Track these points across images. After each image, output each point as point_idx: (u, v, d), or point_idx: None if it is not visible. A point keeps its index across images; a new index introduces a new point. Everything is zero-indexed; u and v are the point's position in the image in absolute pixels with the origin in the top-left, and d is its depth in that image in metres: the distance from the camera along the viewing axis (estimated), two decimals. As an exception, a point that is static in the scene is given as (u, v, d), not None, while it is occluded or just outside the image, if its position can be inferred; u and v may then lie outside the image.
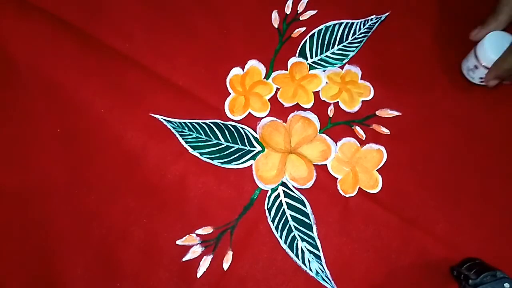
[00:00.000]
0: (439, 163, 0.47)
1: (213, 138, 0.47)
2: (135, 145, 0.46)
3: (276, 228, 0.45)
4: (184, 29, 0.51)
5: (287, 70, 0.50)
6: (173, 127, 0.47)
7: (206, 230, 0.45)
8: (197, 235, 0.44)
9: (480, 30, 0.47)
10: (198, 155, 0.46)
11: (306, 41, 0.51)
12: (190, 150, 0.46)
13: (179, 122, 0.47)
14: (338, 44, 0.51)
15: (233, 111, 0.48)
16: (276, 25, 0.51)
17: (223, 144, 0.47)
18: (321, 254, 0.44)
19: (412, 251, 0.45)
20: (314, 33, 0.51)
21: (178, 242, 0.44)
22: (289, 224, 0.45)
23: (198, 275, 0.43)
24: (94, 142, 0.46)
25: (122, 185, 0.45)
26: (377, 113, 0.49)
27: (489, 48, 0.46)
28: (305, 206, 0.46)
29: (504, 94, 0.48)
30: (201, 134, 0.47)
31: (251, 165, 0.46)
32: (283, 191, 0.46)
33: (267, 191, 0.46)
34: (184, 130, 0.47)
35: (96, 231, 0.44)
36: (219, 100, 0.48)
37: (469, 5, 0.53)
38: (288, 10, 0.52)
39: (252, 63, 0.49)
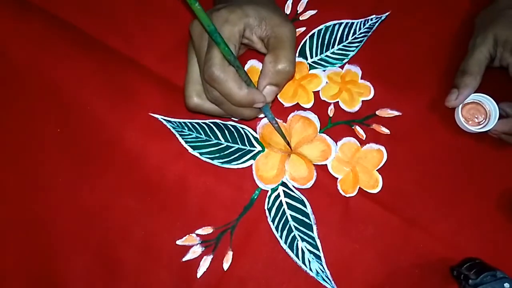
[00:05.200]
0: (439, 163, 0.47)
1: (213, 138, 0.47)
2: (135, 145, 0.46)
3: (276, 228, 0.45)
4: (184, 29, 0.50)
5: (287, 70, 0.50)
6: (173, 127, 0.47)
7: (206, 230, 0.45)
8: (197, 235, 0.44)
9: (457, 97, 0.46)
10: (198, 155, 0.46)
11: (306, 41, 0.51)
12: (190, 150, 0.46)
13: (179, 122, 0.47)
14: (338, 44, 0.51)
15: (233, 111, 0.48)
16: (276, 25, 0.51)
17: (223, 144, 0.47)
18: (321, 254, 0.44)
19: (412, 251, 0.45)
20: (314, 33, 0.51)
21: (178, 242, 0.44)
22: (289, 224, 0.45)
23: (198, 275, 0.43)
24: (94, 142, 0.46)
25: (122, 185, 0.45)
26: (377, 113, 0.49)
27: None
28: (305, 206, 0.46)
29: (504, 93, 0.48)
30: (201, 134, 0.47)
31: (251, 165, 0.46)
32: (283, 191, 0.46)
33: (267, 191, 0.46)
34: (184, 130, 0.47)
35: (96, 231, 0.44)
36: (219, 100, 0.48)
37: (469, 5, 0.53)
38: (288, 10, 0.52)
39: (252, 63, 0.49)
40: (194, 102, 0.42)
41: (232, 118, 0.47)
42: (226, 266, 0.44)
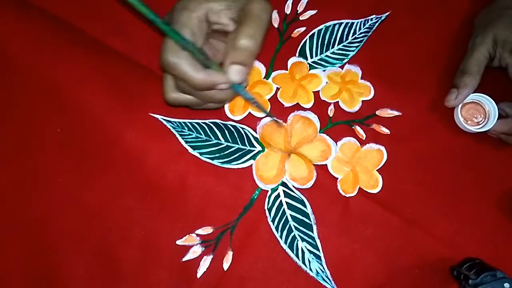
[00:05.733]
0: (439, 163, 0.47)
1: (213, 138, 0.47)
2: (135, 145, 0.46)
3: (276, 228, 0.45)
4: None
5: (287, 70, 0.50)
6: (173, 127, 0.47)
7: (206, 230, 0.45)
8: (197, 235, 0.44)
9: (457, 96, 0.46)
10: (198, 155, 0.46)
11: (306, 41, 0.51)
12: (190, 150, 0.46)
13: (179, 122, 0.47)
14: (338, 44, 0.51)
15: (233, 111, 0.48)
16: (276, 25, 0.51)
17: (223, 144, 0.47)
18: (321, 254, 0.44)
19: (412, 251, 0.45)
20: (314, 33, 0.51)
21: (178, 242, 0.44)
22: (289, 224, 0.45)
23: (198, 275, 0.43)
24: (94, 142, 0.46)
25: (122, 185, 0.45)
26: (377, 113, 0.49)
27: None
28: (305, 206, 0.46)
29: (504, 93, 0.48)
30: (201, 134, 0.47)
31: (251, 165, 0.46)
32: (283, 191, 0.46)
33: (267, 191, 0.46)
34: (184, 130, 0.47)
35: (96, 231, 0.44)
36: (219, 100, 0.48)
37: (469, 5, 0.53)
38: (288, 10, 0.52)
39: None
40: (170, 96, 0.41)
41: (232, 118, 0.48)
42: (226, 266, 0.44)
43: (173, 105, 0.43)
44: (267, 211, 0.45)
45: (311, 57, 0.50)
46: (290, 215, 0.45)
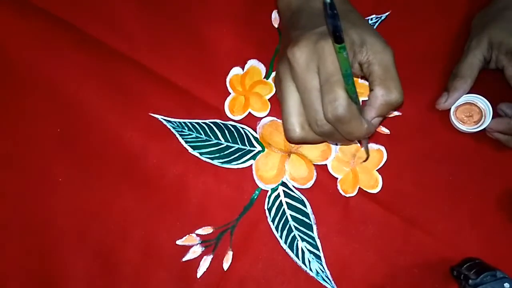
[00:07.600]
0: (439, 163, 0.47)
1: (213, 138, 0.47)
2: (135, 145, 0.46)
3: (276, 228, 0.45)
4: (184, 29, 0.50)
5: (287, 70, 0.50)
6: (173, 127, 0.47)
7: (206, 230, 0.45)
8: (197, 235, 0.44)
9: (447, 99, 0.46)
10: (198, 155, 0.46)
11: (306, 41, 0.51)
12: (190, 150, 0.46)
13: (179, 122, 0.47)
14: (338, 44, 0.51)
15: (233, 111, 0.48)
16: (276, 25, 0.51)
17: (223, 144, 0.47)
18: (321, 254, 0.44)
19: (412, 251, 0.45)
20: (314, 33, 0.51)
21: (178, 242, 0.44)
22: (289, 224, 0.45)
23: (198, 275, 0.43)
24: (94, 142, 0.46)
25: (122, 185, 0.45)
26: (377, 113, 0.49)
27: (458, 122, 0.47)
28: (305, 206, 0.46)
29: (502, 95, 0.48)
30: (201, 134, 0.47)
31: (251, 165, 0.46)
32: (283, 191, 0.46)
33: (267, 191, 0.46)
34: (184, 130, 0.47)
35: (96, 231, 0.44)
36: (219, 100, 0.48)
37: (469, 5, 0.53)
38: (288, 10, 0.52)
39: (252, 63, 0.49)
40: (298, 135, 0.39)
41: (232, 118, 0.48)
42: (226, 266, 0.44)
43: (296, 143, 0.42)
44: (267, 211, 0.45)
45: (311, 57, 0.50)
46: (290, 215, 0.45)
